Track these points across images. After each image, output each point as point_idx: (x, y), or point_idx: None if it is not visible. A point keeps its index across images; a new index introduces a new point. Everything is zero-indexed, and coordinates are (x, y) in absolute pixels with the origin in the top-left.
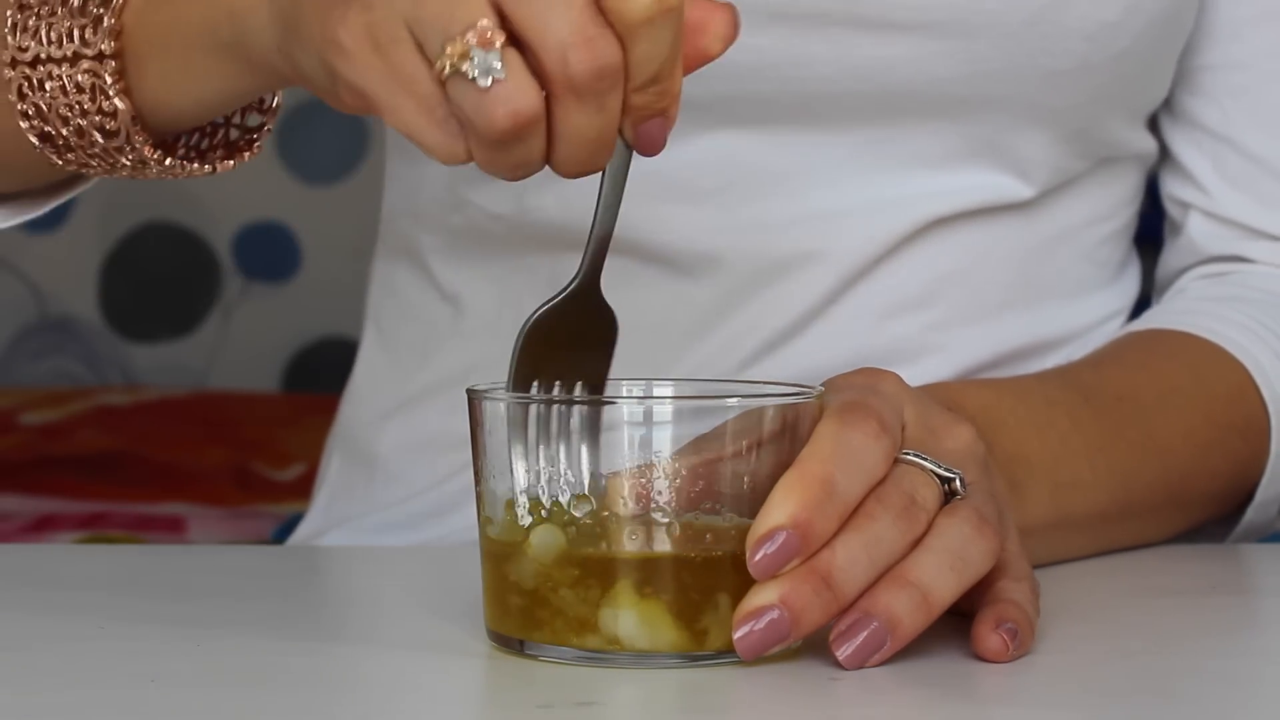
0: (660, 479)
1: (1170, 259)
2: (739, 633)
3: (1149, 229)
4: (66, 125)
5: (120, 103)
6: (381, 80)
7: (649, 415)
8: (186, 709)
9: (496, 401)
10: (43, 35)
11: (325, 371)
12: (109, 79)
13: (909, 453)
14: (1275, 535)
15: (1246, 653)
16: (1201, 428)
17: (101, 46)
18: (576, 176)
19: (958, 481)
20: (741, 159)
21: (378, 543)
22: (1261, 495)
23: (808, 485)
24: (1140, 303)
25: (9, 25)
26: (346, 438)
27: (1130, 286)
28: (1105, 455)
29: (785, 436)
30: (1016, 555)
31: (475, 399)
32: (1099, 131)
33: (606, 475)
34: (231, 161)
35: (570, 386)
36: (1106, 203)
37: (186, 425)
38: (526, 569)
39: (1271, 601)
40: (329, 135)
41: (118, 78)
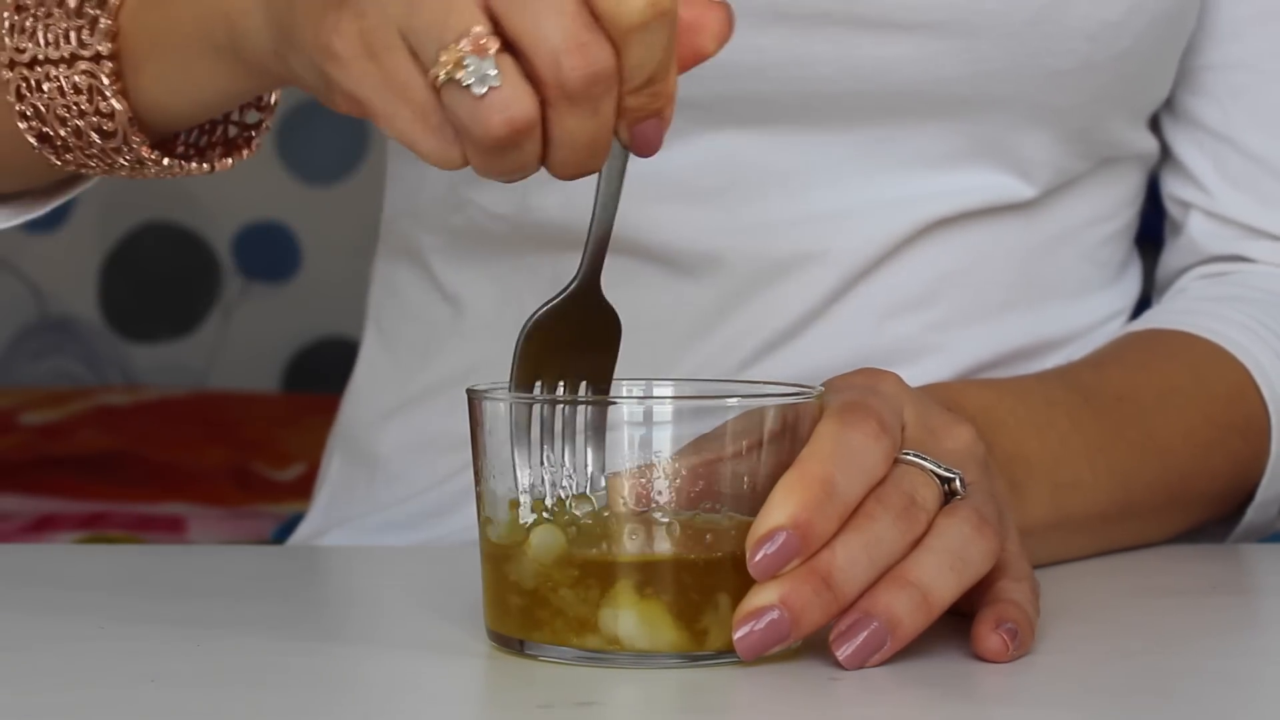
0: (660, 479)
1: (1171, 258)
2: (739, 633)
3: (1149, 229)
4: (64, 126)
5: (117, 104)
6: (376, 87)
7: (649, 415)
8: (186, 709)
9: (497, 401)
10: (40, 37)
11: (325, 371)
12: (106, 80)
13: (909, 453)
14: (1276, 535)
15: (1247, 653)
16: (1202, 428)
17: (98, 48)
18: (573, 179)
19: (957, 482)
20: (742, 159)
21: (378, 543)
22: (1262, 495)
23: (808, 486)
24: (1141, 303)
25: (6, 27)
26: (347, 438)
27: (1131, 287)
28: (1105, 455)
29: (785, 437)
30: (1016, 555)
31: (475, 399)
32: (1101, 131)
33: (607, 475)
34: (230, 159)
35: (574, 386)
36: (1108, 203)
37: (186, 425)
38: (526, 569)
39: (1272, 601)
40: (329, 135)
41: (115, 79)
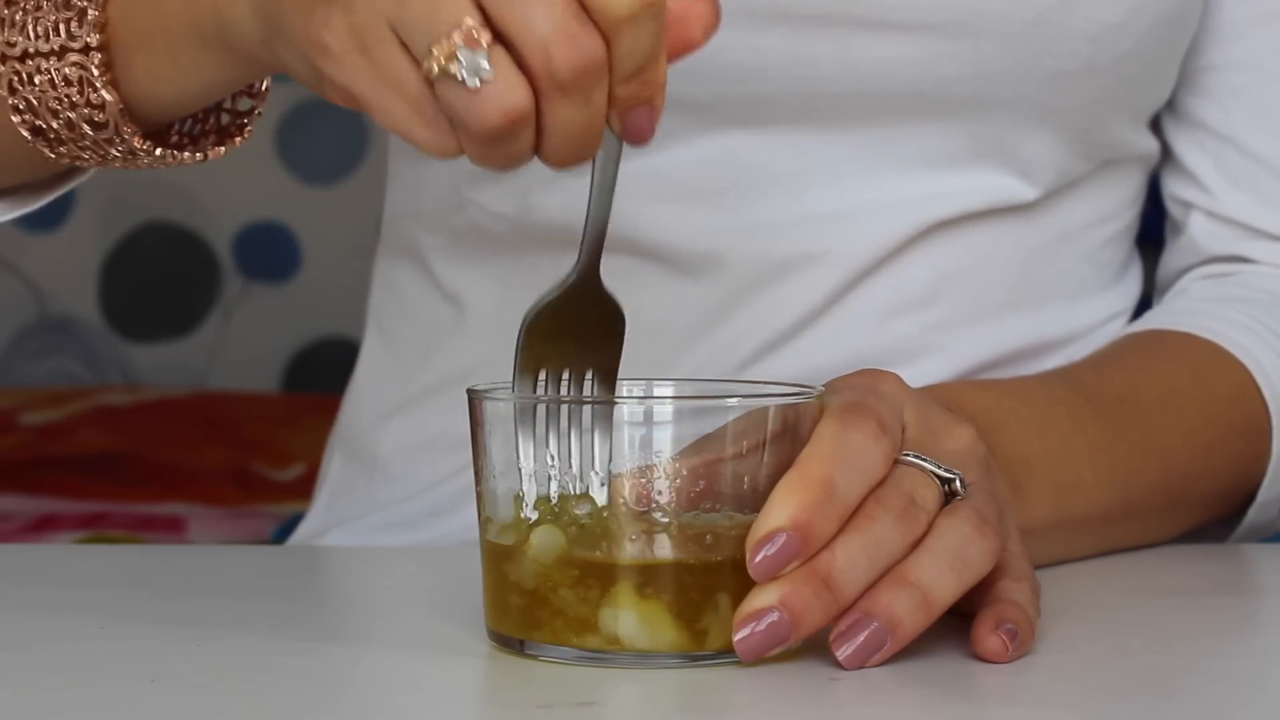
0: (661, 479)
1: (1172, 259)
2: (739, 634)
3: (1150, 229)
4: (57, 119)
5: (108, 95)
6: (369, 81)
7: (649, 415)
8: (186, 709)
9: (497, 401)
10: (30, 30)
11: (325, 371)
12: (96, 71)
13: (909, 454)
14: (1277, 535)
15: (1247, 653)
16: (1203, 428)
17: (87, 39)
18: (567, 168)
19: (958, 482)
20: (743, 159)
21: (378, 542)
22: (1263, 495)
23: (808, 487)
24: (1142, 303)
25: None
26: (347, 437)
27: (1132, 288)
28: (1106, 456)
29: (786, 437)
30: (1017, 555)
31: (476, 399)
32: (1102, 133)
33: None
34: (223, 148)
35: (579, 378)
36: (1109, 204)
37: (186, 425)
38: (527, 569)
39: (1272, 602)
40: (329, 135)
41: (104, 70)
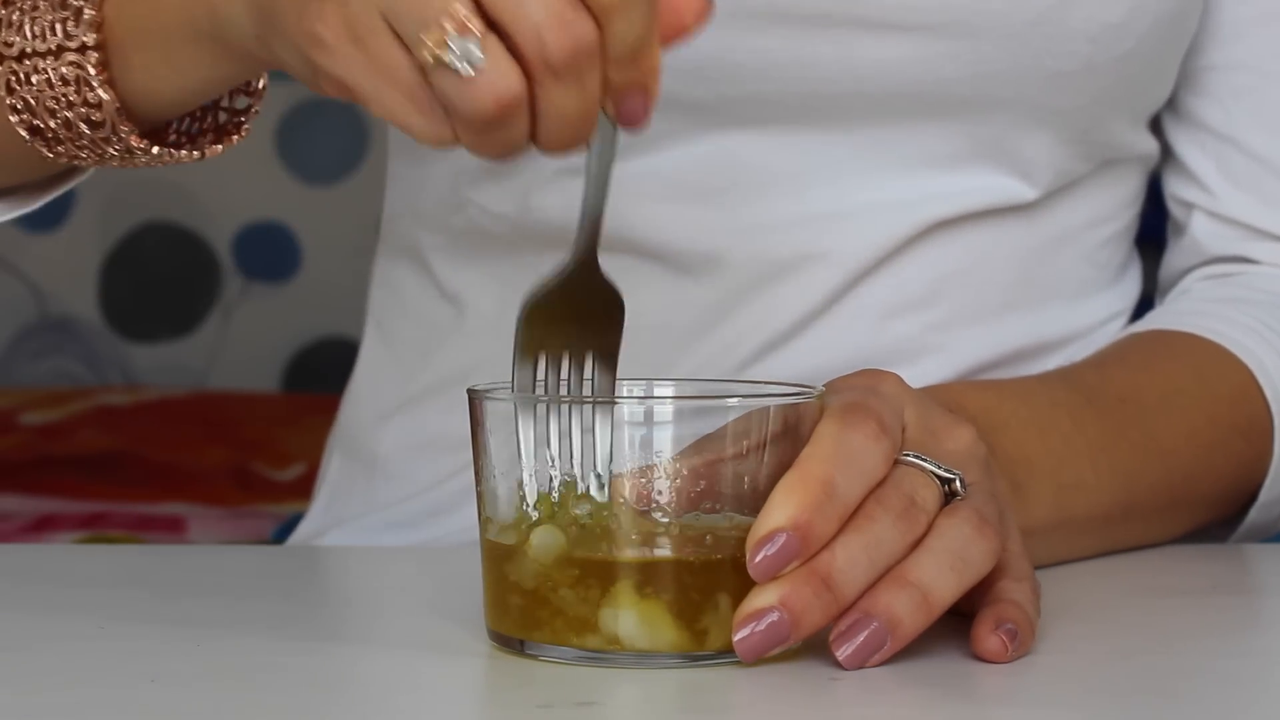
0: (661, 479)
1: (1174, 259)
2: (739, 635)
3: (1151, 229)
4: (54, 118)
5: (104, 93)
6: (364, 72)
7: (649, 415)
8: (186, 709)
9: (497, 401)
10: (27, 30)
11: (325, 371)
12: (92, 70)
13: (909, 454)
14: (1278, 535)
15: (1248, 653)
16: (1205, 429)
17: (83, 39)
18: (563, 154)
19: (958, 482)
20: (744, 159)
21: (378, 542)
22: (1265, 496)
23: (808, 487)
24: (1142, 303)
25: None
26: (347, 437)
27: (1131, 288)
28: (1108, 456)
29: (786, 437)
30: (1017, 555)
31: (476, 399)
32: (1102, 133)
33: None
34: (220, 146)
35: (579, 362)
36: (1108, 205)
37: (186, 425)
38: (527, 569)
39: (1273, 602)
40: (329, 135)
41: (101, 69)
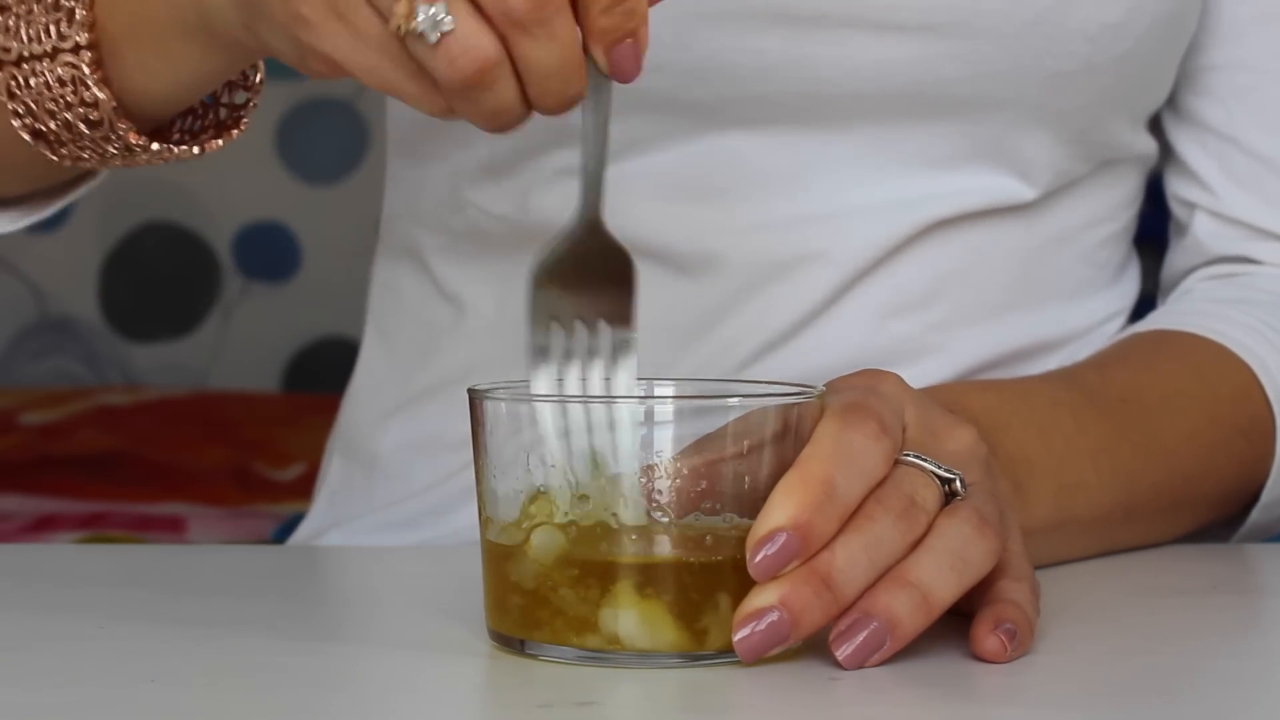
0: (661, 479)
1: (1176, 259)
2: (739, 634)
3: (1151, 229)
4: (54, 120)
5: (100, 92)
6: (350, 46)
7: (650, 415)
8: (186, 709)
9: (497, 401)
10: (23, 34)
11: (325, 371)
12: (87, 70)
13: (909, 454)
14: (1279, 535)
15: (1249, 653)
16: (1206, 429)
17: (77, 39)
18: (559, 111)
19: (958, 482)
20: (743, 159)
21: (378, 542)
22: (1267, 496)
23: (808, 487)
24: (1141, 302)
25: None
26: (347, 438)
27: (1130, 288)
28: (1109, 456)
29: (786, 437)
30: (1018, 555)
31: (476, 399)
32: (1101, 133)
33: (607, 475)
34: (220, 141)
35: (592, 326)
36: (1107, 205)
37: (186, 425)
38: (527, 569)
39: (1275, 602)
40: (329, 135)
41: (95, 68)
